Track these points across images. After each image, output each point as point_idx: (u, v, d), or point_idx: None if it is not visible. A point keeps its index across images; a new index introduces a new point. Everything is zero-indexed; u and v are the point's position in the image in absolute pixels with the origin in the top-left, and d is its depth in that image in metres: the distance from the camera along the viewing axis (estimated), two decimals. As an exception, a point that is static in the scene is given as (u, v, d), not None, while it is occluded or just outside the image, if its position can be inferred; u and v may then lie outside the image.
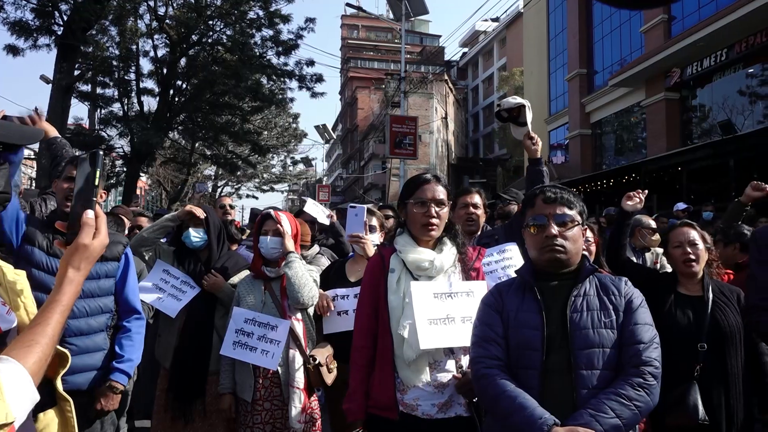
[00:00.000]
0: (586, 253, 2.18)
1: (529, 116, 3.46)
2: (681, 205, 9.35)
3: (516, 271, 2.21)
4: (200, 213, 3.46)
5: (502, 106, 3.54)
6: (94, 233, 1.27)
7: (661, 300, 2.97)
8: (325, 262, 4.13)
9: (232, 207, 6.78)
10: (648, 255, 5.23)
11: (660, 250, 5.04)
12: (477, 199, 3.97)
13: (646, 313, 1.99)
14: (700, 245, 3.04)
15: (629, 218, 3.34)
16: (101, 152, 1.32)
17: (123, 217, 5.24)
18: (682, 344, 2.80)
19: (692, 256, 3.00)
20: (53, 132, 3.65)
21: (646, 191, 3.40)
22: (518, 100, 3.49)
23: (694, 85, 17.38)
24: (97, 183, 1.31)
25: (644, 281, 3.05)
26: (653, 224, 5.34)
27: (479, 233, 3.97)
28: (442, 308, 2.35)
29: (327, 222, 5.04)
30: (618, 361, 1.92)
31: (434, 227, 2.43)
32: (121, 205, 8.54)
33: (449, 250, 2.48)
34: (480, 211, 3.97)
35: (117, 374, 2.86)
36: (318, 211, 5.07)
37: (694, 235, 3.07)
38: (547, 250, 2.04)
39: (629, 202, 3.31)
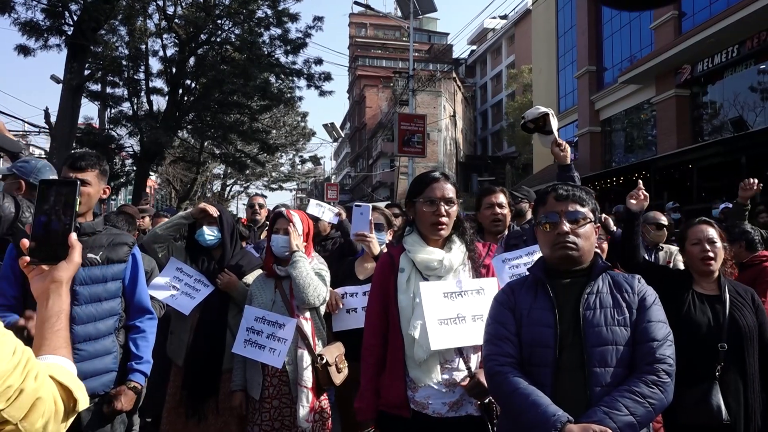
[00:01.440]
0: (598, 250, 2.17)
1: (554, 124, 3.44)
2: (669, 205, 9.42)
3: (528, 269, 2.21)
4: (213, 211, 3.48)
5: (526, 117, 3.53)
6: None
7: (680, 299, 2.93)
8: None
9: (261, 207, 6.30)
10: (661, 254, 5.20)
11: (674, 249, 5.00)
12: (502, 198, 3.87)
13: (659, 311, 1.98)
14: (719, 243, 2.99)
15: (637, 219, 3.26)
16: (78, 183, 1.40)
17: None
18: (703, 344, 2.77)
19: (711, 254, 2.94)
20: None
21: (642, 184, 3.29)
22: (542, 109, 3.48)
23: (704, 82, 17.22)
24: (78, 209, 1.38)
25: (660, 280, 3.04)
26: (662, 219, 5.28)
27: (507, 233, 3.90)
28: (452, 308, 2.34)
29: (335, 220, 5.05)
30: (631, 359, 1.91)
31: (444, 226, 2.42)
32: (128, 204, 8.54)
33: (458, 249, 2.48)
34: (506, 211, 3.87)
35: (136, 375, 2.83)
36: (323, 210, 5.07)
37: (712, 232, 3.01)
38: (559, 248, 2.03)
39: (633, 201, 3.23)
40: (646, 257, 3.56)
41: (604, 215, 4.10)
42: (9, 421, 1.04)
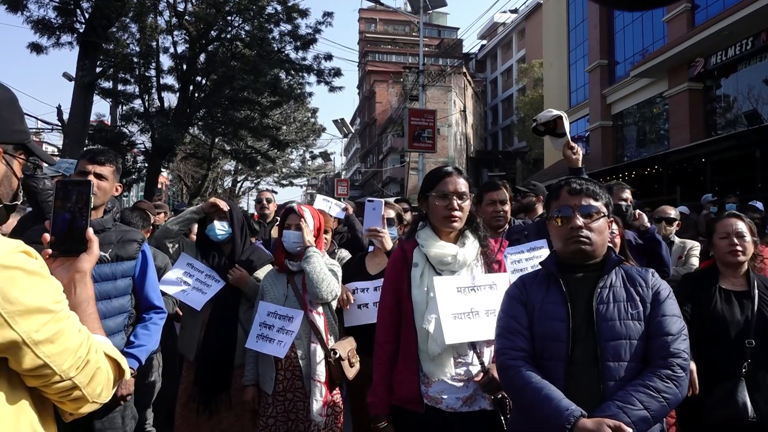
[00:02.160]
0: (611, 245, 2.15)
1: (567, 127, 3.42)
2: (708, 197, 9.20)
3: (541, 263, 2.20)
4: (224, 205, 3.49)
5: (538, 120, 3.51)
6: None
7: (706, 295, 2.90)
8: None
9: (270, 201, 6.33)
10: (673, 248, 5.14)
11: (690, 244, 4.93)
12: (504, 194, 3.88)
13: (674, 305, 1.97)
14: (748, 237, 2.93)
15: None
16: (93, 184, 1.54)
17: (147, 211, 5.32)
18: (729, 340, 2.73)
19: (739, 248, 2.89)
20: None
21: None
22: (554, 112, 3.47)
23: (718, 75, 17.03)
24: (92, 206, 1.50)
25: (686, 280, 3.01)
26: (671, 213, 5.21)
27: (508, 228, 3.91)
28: (465, 302, 2.35)
29: (342, 215, 5.05)
30: (645, 353, 1.90)
31: (457, 219, 2.42)
32: (143, 200, 8.59)
33: (471, 244, 2.48)
34: (507, 207, 3.88)
35: (128, 359, 2.84)
36: (329, 205, 5.08)
37: (741, 226, 2.95)
38: (572, 242, 2.02)
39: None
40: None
41: (638, 210, 4.06)
42: (78, 386, 1.25)
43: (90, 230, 1.46)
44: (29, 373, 1.19)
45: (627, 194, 4.07)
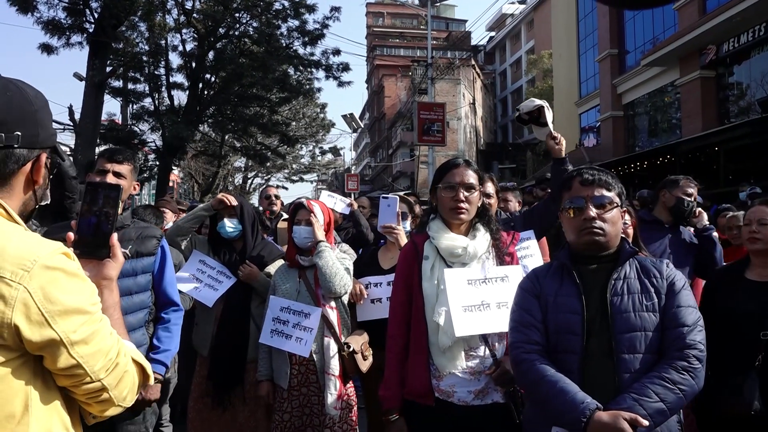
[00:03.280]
0: (624, 236, 2.13)
1: (549, 116, 3.47)
2: (749, 190, 8.93)
3: (554, 255, 2.18)
4: (232, 200, 3.50)
5: (521, 110, 3.56)
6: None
7: (728, 286, 2.87)
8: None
9: (277, 198, 6.40)
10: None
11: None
12: (489, 188, 3.79)
13: (689, 296, 1.94)
14: None
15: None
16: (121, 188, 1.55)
17: (166, 209, 5.41)
18: (745, 332, 2.69)
19: (757, 236, 2.86)
20: None
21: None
22: (536, 102, 3.51)
23: (730, 62, 16.83)
24: (120, 212, 1.52)
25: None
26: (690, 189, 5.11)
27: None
28: (476, 295, 2.34)
29: (347, 211, 5.06)
30: (660, 345, 1.88)
31: (463, 211, 2.41)
32: (166, 198, 8.65)
33: (483, 236, 2.46)
34: (493, 200, 3.83)
35: (155, 365, 2.87)
36: (334, 201, 5.08)
37: (764, 213, 2.92)
38: (586, 233, 2.00)
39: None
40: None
41: (699, 209, 3.98)
42: (106, 388, 1.28)
43: (114, 236, 1.48)
44: (62, 373, 1.22)
45: (692, 190, 3.89)
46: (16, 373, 1.16)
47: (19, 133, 1.26)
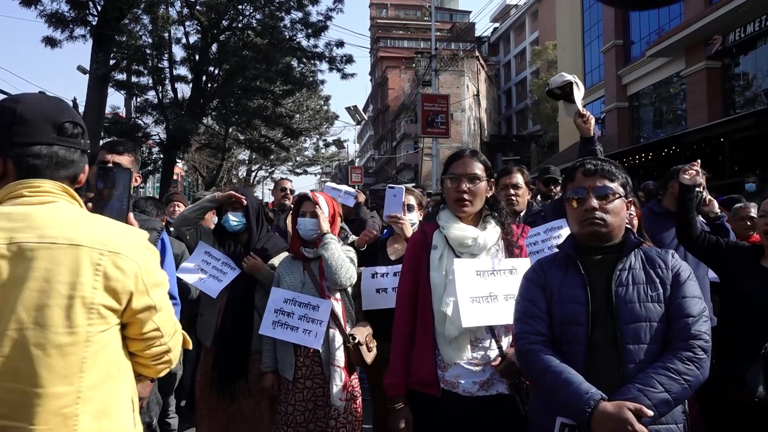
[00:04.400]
0: (629, 226, 2.13)
1: (579, 94, 3.34)
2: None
3: (558, 246, 2.18)
4: (242, 200, 3.51)
5: (550, 84, 3.45)
6: None
7: (741, 274, 2.87)
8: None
9: (292, 192, 6.25)
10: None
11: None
12: (517, 179, 3.90)
13: (694, 286, 1.94)
14: None
15: (691, 192, 3.26)
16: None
17: (180, 203, 5.46)
18: (754, 320, 2.70)
19: None
20: None
21: (699, 161, 3.33)
22: (566, 77, 3.39)
23: (736, 53, 16.70)
24: (132, 192, 1.67)
25: (724, 255, 2.97)
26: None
27: (524, 212, 3.94)
28: (484, 286, 2.33)
29: (351, 203, 5.06)
30: (665, 336, 1.87)
31: (465, 202, 2.40)
32: (178, 192, 8.64)
33: (493, 228, 2.46)
34: (522, 191, 3.90)
35: None
36: (339, 193, 5.08)
37: None
38: (587, 224, 2.00)
39: (685, 176, 3.25)
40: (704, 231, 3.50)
41: (709, 197, 3.96)
42: (170, 350, 1.54)
43: (131, 215, 1.65)
44: (142, 337, 1.46)
45: (701, 179, 3.95)
46: (116, 338, 1.41)
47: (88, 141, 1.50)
